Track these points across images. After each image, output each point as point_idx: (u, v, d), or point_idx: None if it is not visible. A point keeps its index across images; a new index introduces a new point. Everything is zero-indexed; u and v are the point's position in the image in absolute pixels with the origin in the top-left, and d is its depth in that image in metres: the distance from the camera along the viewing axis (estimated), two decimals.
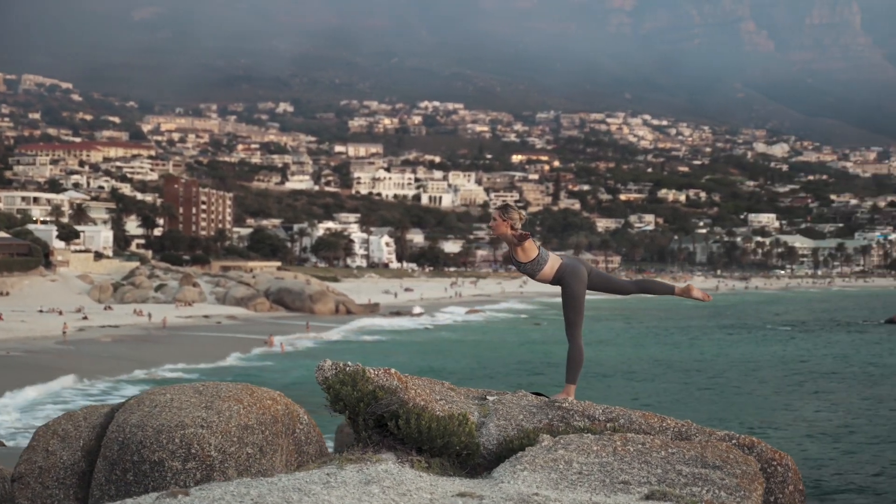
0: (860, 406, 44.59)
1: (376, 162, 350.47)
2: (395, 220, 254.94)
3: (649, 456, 7.30)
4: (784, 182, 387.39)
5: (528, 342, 78.07)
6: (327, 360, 8.32)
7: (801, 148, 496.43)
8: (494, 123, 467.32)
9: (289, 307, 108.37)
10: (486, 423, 8.20)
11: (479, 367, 58.58)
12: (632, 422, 8.28)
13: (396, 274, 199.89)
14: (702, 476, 6.99)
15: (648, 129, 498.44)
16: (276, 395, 9.00)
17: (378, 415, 7.83)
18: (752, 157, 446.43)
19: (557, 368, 58.98)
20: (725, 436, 8.13)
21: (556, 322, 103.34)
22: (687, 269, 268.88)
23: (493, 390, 9.01)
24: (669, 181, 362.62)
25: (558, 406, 8.48)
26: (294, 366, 59.03)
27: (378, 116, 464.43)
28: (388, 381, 8.05)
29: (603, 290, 9.22)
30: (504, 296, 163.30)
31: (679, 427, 8.24)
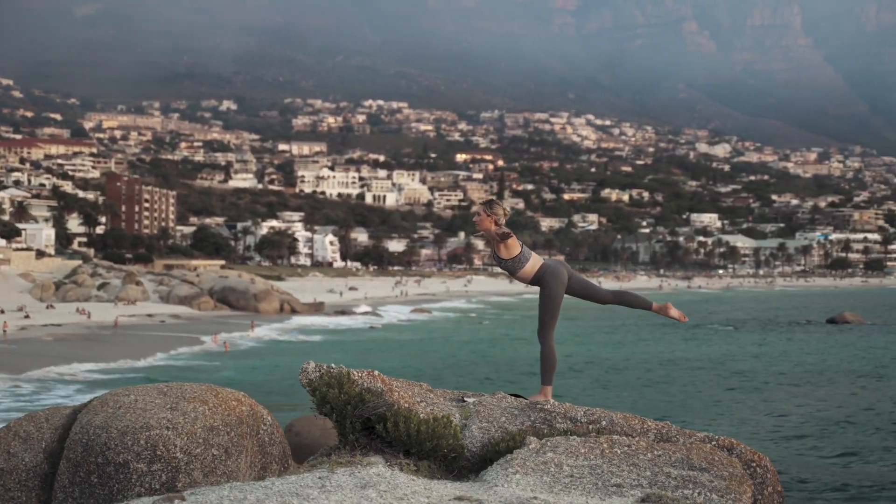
0: (803, 405, 44.94)
1: (320, 160, 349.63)
2: (339, 219, 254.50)
3: (636, 458, 7.31)
4: (726, 182, 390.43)
5: (473, 341, 78.12)
6: (311, 363, 8.27)
7: (743, 148, 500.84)
8: (439, 122, 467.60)
9: (233, 306, 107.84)
10: (468, 425, 8.17)
11: (426, 367, 58.48)
12: (613, 423, 8.29)
13: (341, 273, 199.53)
14: (691, 479, 7.00)
15: (592, 128, 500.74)
16: (241, 395, 8.93)
17: (365, 417, 7.78)
18: (694, 158, 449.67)
19: (504, 367, 59.08)
20: (705, 437, 8.16)
21: (501, 321, 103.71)
22: (630, 268, 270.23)
23: (469, 392, 8.98)
24: (613, 181, 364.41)
25: (540, 408, 8.46)
26: (238, 364, 58.79)
27: (322, 115, 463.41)
28: (373, 383, 8.01)
29: (581, 297, 9.19)
30: (448, 295, 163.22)
31: (660, 429, 8.26)
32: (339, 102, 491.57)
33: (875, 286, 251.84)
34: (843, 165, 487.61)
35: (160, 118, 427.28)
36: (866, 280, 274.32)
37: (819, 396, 48.13)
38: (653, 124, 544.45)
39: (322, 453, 8.22)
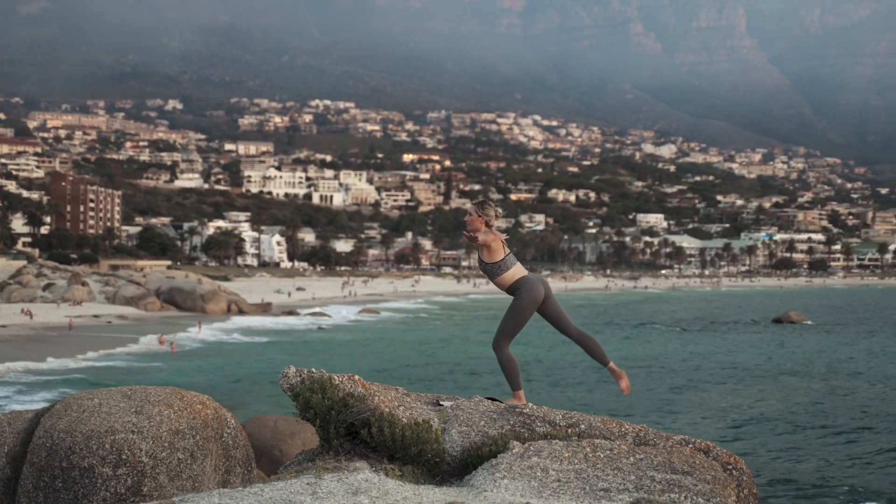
0: (753, 402, 45.28)
1: (267, 160, 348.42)
2: (286, 219, 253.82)
3: (620, 462, 7.32)
4: (671, 183, 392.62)
5: (424, 342, 78.13)
6: (291, 367, 8.23)
7: (689, 149, 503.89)
8: (386, 122, 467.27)
9: (180, 307, 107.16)
10: (447, 429, 8.15)
11: (379, 369, 58.42)
12: (592, 427, 8.30)
13: (288, 273, 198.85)
14: (675, 482, 7.02)
15: (539, 129, 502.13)
16: (206, 399, 8.88)
17: (349, 423, 7.76)
18: (640, 158, 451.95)
19: (457, 367, 59.09)
20: (682, 440, 8.18)
21: (451, 321, 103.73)
22: (577, 268, 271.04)
23: (443, 395, 8.98)
24: (559, 181, 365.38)
25: (518, 412, 8.47)
26: (184, 365, 58.47)
27: (269, 114, 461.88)
28: (354, 387, 7.99)
29: (550, 321, 9.16)
30: (396, 295, 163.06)
31: (637, 432, 8.29)
32: (286, 102, 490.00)
33: (819, 286, 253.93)
34: (787, 166, 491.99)
35: (105, 117, 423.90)
36: (810, 280, 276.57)
37: (765, 394, 48.52)
38: (599, 125, 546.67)
39: (304, 457, 8.20)
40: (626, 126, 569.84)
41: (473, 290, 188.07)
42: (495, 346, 9.03)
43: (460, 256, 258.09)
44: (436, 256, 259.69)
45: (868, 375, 58.11)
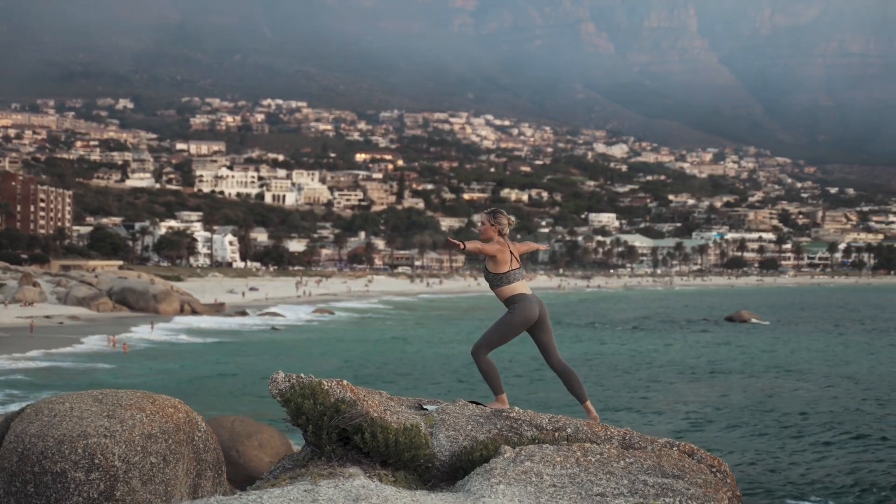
0: (706, 400, 45.56)
1: (219, 160, 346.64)
2: (238, 219, 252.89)
3: (611, 466, 7.34)
4: (623, 182, 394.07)
5: (380, 341, 78.08)
6: (280, 373, 8.19)
7: (640, 149, 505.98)
8: (338, 122, 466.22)
9: (132, 307, 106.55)
10: (435, 433, 8.14)
11: (338, 369, 58.30)
12: (578, 430, 8.33)
13: (241, 273, 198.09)
14: (668, 486, 7.04)
15: (491, 128, 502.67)
16: (177, 402, 8.83)
17: (341, 428, 7.73)
18: (592, 158, 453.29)
19: (417, 367, 59.07)
20: (666, 443, 8.22)
21: (405, 321, 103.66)
22: (529, 268, 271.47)
23: (424, 399, 8.97)
24: (512, 181, 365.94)
25: (505, 416, 8.48)
26: (137, 366, 58.14)
27: (220, 114, 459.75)
28: (343, 393, 7.97)
29: (538, 346, 9.21)
30: (350, 295, 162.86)
31: (622, 435, 8.32)
32: (238, 101, 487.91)
33: (770, 285, 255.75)
34: (737, 166, 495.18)
35: (55, 117, 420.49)
36: (761, 279, 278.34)
37: (717, 392, 48.82)
38: (551, 125, 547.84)
39: (290, 463, 8.18)
40: (578, 126, 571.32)
41: (426, 290, 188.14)
42: (475, 352, 9.05)
43: (413, 256, 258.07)
44: (389, 256, 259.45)
45: (818, 373, 58.59)
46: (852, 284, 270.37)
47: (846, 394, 49.13)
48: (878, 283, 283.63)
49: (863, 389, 50.77)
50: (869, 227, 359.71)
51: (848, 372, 59.62)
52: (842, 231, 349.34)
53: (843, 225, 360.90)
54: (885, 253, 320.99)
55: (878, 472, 30.70)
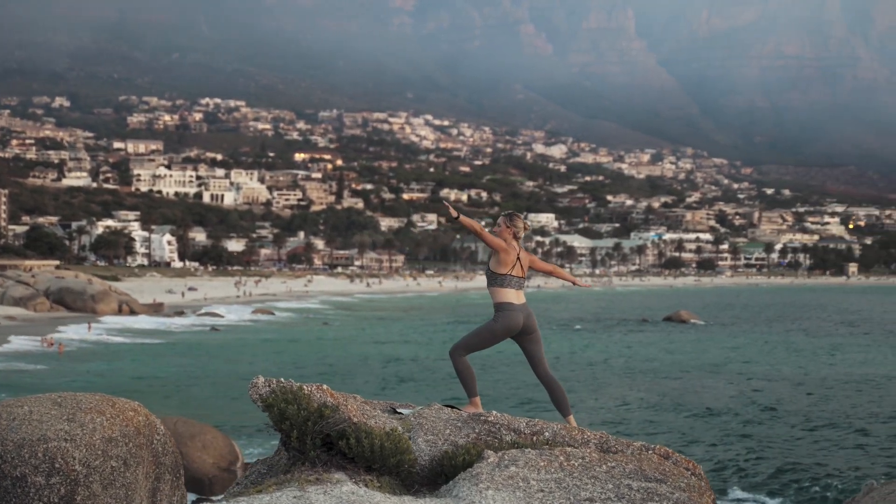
0: (646, 399, 45.82)
1: (157, 159, 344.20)
2: (176, 218, 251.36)
3: (594, 471, 7.37)
4: (562, 183, 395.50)
5: (321, 341, 77.90)
6: (260, 377, 8.15)
7: (579, 149, 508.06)
8: (277, 121, 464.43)
9: (70, 307, 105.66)
10: (413, 437, 8.12)
11: (281, 370, 58.01)
12: (556, 434, 8.36)
13: (179, 273, 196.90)
14: (653, 490, 7.07)
15: (430, 128, 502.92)
16: (137, 405, 8.77)
17: (325, 433, 7.69)
18: (531, 158, 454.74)
19: (362, 368, 58.97)
20: (642, 446, 8.25)
21: (346, 321, 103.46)
22: (469, 268, 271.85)
23: (396, 402, 8.96)
24: (451, 181, 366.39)
25: (483, 419, 8.50)
26: (72, 367, 57.60)
27: (158, 113, 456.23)
28: (323, 397, 7.93)
29: (526, 356, 9.34)
30: (290, 295, 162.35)
31: (599, 438, 8.36)
32: (176, 100, 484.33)
33: (707, 285, 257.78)
34: (675, 167, 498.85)
35: None
36: (699, 279, 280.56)
37: (660, 391, 49.11)
38: (490, 125, 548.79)
39: (264, 468, 8.14)
40: (517, 126, 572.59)
41: (367, 290, 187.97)
42: (452, 353, 9.11)
43: (353, 256, 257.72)
44: (328, 256, 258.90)
45: (755, 372, 59.11)
46: (788, 285, 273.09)
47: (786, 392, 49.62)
48: (813, 283, 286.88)
49: (795, 387, 51.30)
50: (804, 228, 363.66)
51: (784, 373, 60.23)
52: (778, 232, 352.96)
53: (779, 226, 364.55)
54: (821, 253, 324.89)
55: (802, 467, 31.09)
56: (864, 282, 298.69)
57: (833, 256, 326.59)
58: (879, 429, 38.54)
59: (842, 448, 34.56)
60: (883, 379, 56.15)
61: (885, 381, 54.85)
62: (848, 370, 61.00)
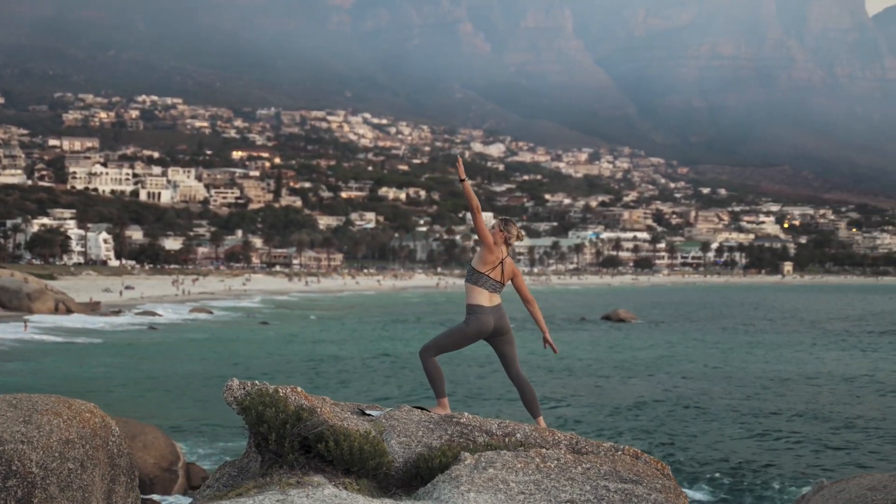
0: (586, 399, 46.01)
1: (92, 156, 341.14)
2: (113, 217, 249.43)
3: (570, 472, 7.37)
4: (500, 181, 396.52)
5: (261, 341, 77.56)
6: (234, 380, 8.08)
7: (517, 148, 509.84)
8: (214, 119, 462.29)
9: (6, 306, 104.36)
10: (386, 440, 8.11)
11: (215, 369, 57.78)
12: (528, 436, 8.39)
13: (116, 272, 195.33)
14: (630, 492, 7.08)
15: (369, 127, 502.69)
16: (93, 407, 8.68)
17: (303, 436, 7.64)
18: (469, 157, 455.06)
19: (304, 367, 58.76)
20: (612, 447, 8.28)
21: (285, 320, 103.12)
22: (408, 266, 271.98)
23: (363, 404, 8.94)
24: (390, 179, 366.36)
25: (455, 421, 8.51)
26: (7, 367, 56.97)
27: (94, 110, 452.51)
28: (299, 399, 7.89)
29: (499, 356, 9.45)
30: (228, 294, 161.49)
31: (569, 440, 8.39)
32: (112, 97, 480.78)
33: (644, 284, 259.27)
34: (612, 166, 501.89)
35: None
36: (636, 278, 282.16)
37: (596, 390, 49.34)
38: (429, 124, 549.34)
39: (239, 470, 8.07)
40: (455, 125, 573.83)
41: (305, 289, 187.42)
42: (422, 353, 9.15)
43: (291, 255, 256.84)
44: (266, 255, 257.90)
45: (693, 371, 59.54)
46: (723, 284, 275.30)
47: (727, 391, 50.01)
48: (748, 282, 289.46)
49: (735, 386, 51.73)
50: (740, 227, 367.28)
51: (723, 371, 60.71)
52: (714, 231, 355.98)
53: (715, 225, 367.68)
54: (756, 252, 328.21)
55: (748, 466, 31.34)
56: (798, 280, 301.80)
57: (768, 255, 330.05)
58: (821, 426, 38.98)
59: (787, 446, 34.88)
60: (822, 377, 56.76)
61: (825, 379, 55.45)
62: (786, 368, 61.61)
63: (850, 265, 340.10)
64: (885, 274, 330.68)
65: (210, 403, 43.88)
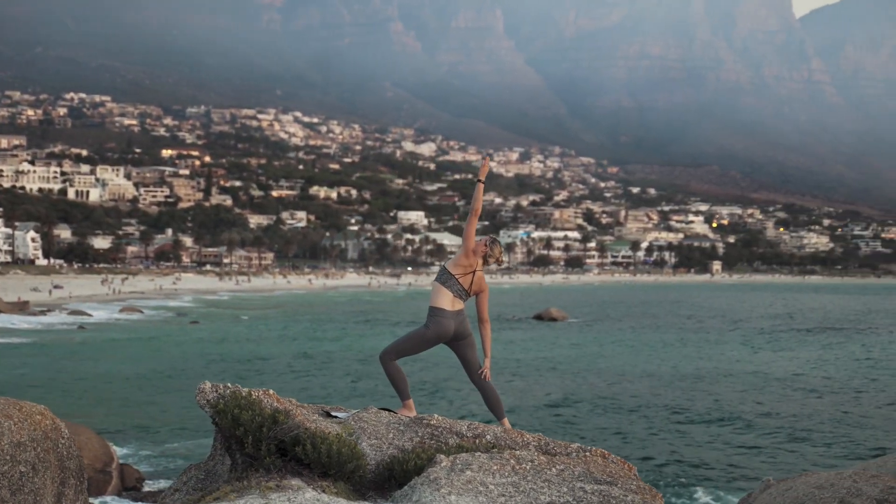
0: (522, 399, 46.13)
1: (19, 154, 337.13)
2: (40, 215, 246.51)
3: (545, 474, 7.39)
4: (432, 181, 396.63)
5: (193, 341, 77.03)
6: (207, 383, 8.01)
7: (448, 147, 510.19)
8: (143, 117, 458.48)
9: None
10: (357, 442, 8.08)
11: (147, 370, 57.30)
12: (498, 437, 8.42)
13: (44, 270, 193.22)
14: (607, 493, 7.10)
15: (300, 126, 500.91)
16: (43, 409, 8.61)
17: (280, 439, 7.59)
18: (401, 156, 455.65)
19: (238, 367, 58.42)
20: (579, 448, 8.30)
21: (217, 319, 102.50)
22: (339, 265, 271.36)
23: (327, 405, 8.90)
24: (321, 178, 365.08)
25: (426, 423, 8.51)
26: None
27: (21, 107, 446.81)
28: (271, 402, 7.84)
29: (459, 358, 9.48)
30: (159, 293, 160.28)
31: (537, 441, 8.41)
32: (40, 95, 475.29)
33: (575, 283, 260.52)
34: (543, 165, 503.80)
35: None
36: (567, 277, 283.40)
37: (531, 390, 49.47)
38: (360, 122, 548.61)
39: (206, 473, 8.01)
40: (386, 124, 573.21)
41: (236, 288, 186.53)
42: (382, 358, 9.17)
43: (222, 254, 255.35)
44: (197, 254, 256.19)
45: (626, 369, 59.89)
46: (653, 282, 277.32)
47: (663, 390, 50.32)
48: (678, 281, 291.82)
49: (671, 384, 52.09)
50: (669, 227, 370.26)
51: (657, 369, 61.12)
52: (644, 230, 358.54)
53: (644, 224, 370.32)
54: (685, 251, 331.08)
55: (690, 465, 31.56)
56: (727, 279, 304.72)
57: (697, 254, 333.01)
58: (761, 424, 39.33)
59: (729, 445, 35.13)
60: (756, 376, 57.29)
61: (759, 378, 55.97)
62: (721, 366, 62.12)
63: (777, 264, 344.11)
64: (812, 273, 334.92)
65: (141, 404, 43.57)
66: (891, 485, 8.54)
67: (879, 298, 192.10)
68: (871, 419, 40.98)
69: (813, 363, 65.43)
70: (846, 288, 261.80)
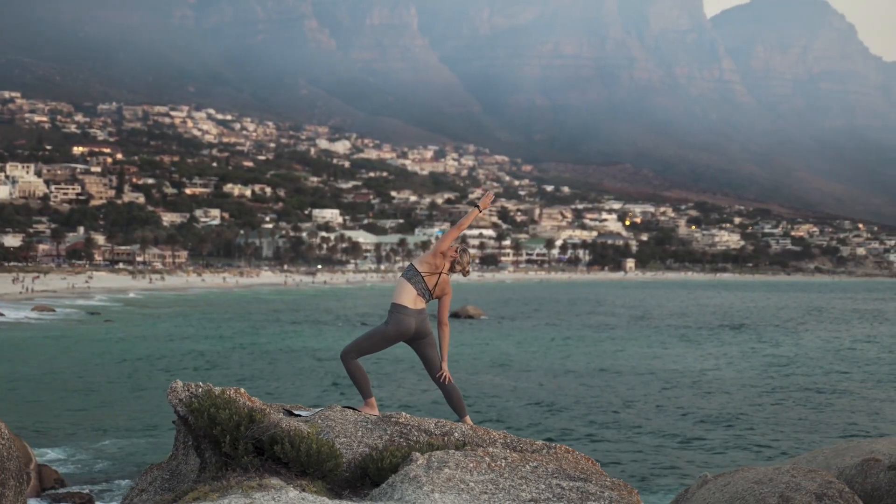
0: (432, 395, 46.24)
1: None
2: None
3: (521, 471, 7.47)
4: (347, 178, 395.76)
5: (103, 338, 76.30)
6: (178, 382, 8.00)
7: (363, 145, 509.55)
8: (54, 114, 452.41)
9: None
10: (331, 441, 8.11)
11: (60, 370, 56.68)
12: (465, 435, 8.51)
13: None
14: (583, 490, 7.19)
15: (213, 123, 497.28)
16: None
17: (257, 438, 7.61)
18: (315, 154, 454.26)
19: (158, 362, 58.00)
20: (543, 445, 8.39)
21: (132, 318, 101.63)
22: (254, 263, 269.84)
23: (288, 404, 8.92)
24: (234, 176, 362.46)
25: (394, 421, 8.57)
26: None
27: None
28: (243, 401, 7.87)
29: (420, 356, 9.53)
30: (72, 292, 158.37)
31: (503, 438, 8.51)
32: None
33: (490, 280, 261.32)
34: (458, 163, 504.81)
35: None
36: (482, 275, 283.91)
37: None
38: (274, 120, 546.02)
39: (171, 473, 8.02)
40: (301, 121, 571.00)
41: (150, 287, 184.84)
42: (343, 356, 9.22)
43: (135, 252, 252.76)
44: (109, 252, 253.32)
45: (547, 366, 60.28)
46: (567, 280, 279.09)
47: (588, 387, 50.70)
48: (592, 278, 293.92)
49: (593, 381, 52.52)
50: (583, 225, 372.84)
51: (579, 366, 61.56)
52: (558, 228, 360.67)
53: (558, 222, 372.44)
54: (599, 249, 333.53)
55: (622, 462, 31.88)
56: (640, 277, 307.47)
57: (611, 252, 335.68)
58: (690, 421, 39.78)
59: (659, 442, 35.42)
60: (678, 373, 57.90)
61: (683, 375, 56.59)
62: (642, 363, 62.72)
63: (689, 262, 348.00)
64: (723, 270, 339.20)
65: (55, 404, 43.13)
66: (828, 479, 8.76)
67: (787, 296, 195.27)
68: (785, 415, 41.65)
69: (722, 359, 66.36)
70: (756, 286, 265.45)
